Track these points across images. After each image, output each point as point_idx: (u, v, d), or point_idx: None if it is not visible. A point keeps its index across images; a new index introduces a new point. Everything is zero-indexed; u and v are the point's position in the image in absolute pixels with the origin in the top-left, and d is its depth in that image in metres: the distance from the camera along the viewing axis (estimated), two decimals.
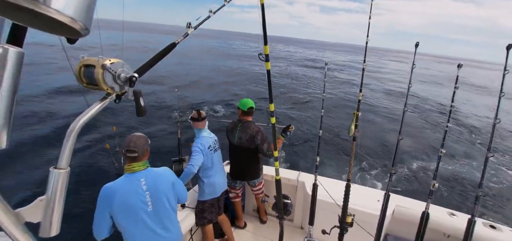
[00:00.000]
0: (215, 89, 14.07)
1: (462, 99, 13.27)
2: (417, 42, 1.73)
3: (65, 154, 0.50)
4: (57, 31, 0.38)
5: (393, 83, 19.21)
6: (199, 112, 2.42)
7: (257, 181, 2.82)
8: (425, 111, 11.04)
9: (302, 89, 15.05)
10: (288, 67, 25.57)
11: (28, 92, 10.37)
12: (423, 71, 31.71)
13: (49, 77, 12.74)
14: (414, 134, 8.41)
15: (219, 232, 2.85)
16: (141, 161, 1.60)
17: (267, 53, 1.10)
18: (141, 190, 1.55)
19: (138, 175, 1.57)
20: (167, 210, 1.67)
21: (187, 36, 1.12)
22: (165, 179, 1.68)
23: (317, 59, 38.09)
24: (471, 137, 8.43)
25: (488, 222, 2.21)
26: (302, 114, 10.55)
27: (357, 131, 1.91)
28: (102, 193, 1.50)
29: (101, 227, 1.49)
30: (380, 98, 13.44)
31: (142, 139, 1.62)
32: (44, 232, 0.48)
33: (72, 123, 0.52)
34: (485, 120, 10.15)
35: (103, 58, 0.59)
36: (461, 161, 6.72)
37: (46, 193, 0.48)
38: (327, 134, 8.07)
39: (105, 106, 0.60)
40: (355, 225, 1.82)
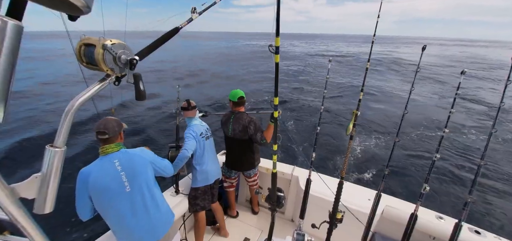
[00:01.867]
0: (218, 86, 14.00)
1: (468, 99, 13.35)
2: (424, 46, 1.72)
3: (62, 133, 0.50)
4: (58, 6, 0.37)
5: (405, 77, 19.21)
6: (189, 101, 2.46)
7: (252, 172, 2.85)
8: (426, 114, 11.10)
9: (303, 85, 15.00)
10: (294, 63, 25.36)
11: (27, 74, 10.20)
12: (435, 59, 31.18)
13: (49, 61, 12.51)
14: (412, 137, 8.48)
15: (212, 220, 2.89)
16: (113, 143, 1.58)
17: (278, 45, 1.08)
18: (115, 171, 1.53)
19: (111, 156, 1.55)
20: (147, 189, 1.64)
21: (191, 21, 1.10)
22: (140, 158, 1.65)
23: (322, 54, 37.80)
24: (467, 143, 8.53)
25: (473, 228, 2.27)
26: (302, 109, 10.56)
27: (354, 130, 1.92)
28: (78, 177, 1.51)
29: (82, 209, 1.52)
30: (386, 96, 13.47)
31: (113, 121, 1.61)
32: (39, 209, 0.48)
33: (70, 102, 0.52)
34: (484, 127, 10.24)
35: (104, 38, 0.58)
36: (455, 167, 6.82)
37: (41, 171, 0.48)
38: (326, 130, 8.11)
39: (104, 87, 0.59)
40: (345, 221, 1.86)
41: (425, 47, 1.74)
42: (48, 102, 9.82)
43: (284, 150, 6.83)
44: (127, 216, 1.56)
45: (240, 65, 24.45)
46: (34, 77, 14.13)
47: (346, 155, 1.94)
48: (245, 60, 27.21)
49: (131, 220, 1.57)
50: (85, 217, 1.54)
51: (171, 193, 2.59)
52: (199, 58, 29.05)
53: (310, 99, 12.19)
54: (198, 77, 17.03)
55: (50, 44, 50.99)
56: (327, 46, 58.62)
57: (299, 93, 13.24)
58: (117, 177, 1.53)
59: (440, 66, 25.46)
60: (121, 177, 1.54)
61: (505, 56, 42.39)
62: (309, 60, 29.50)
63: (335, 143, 7.53)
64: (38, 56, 26.17)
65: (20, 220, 0.43)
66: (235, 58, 31.93)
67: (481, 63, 30.13)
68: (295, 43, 68.06)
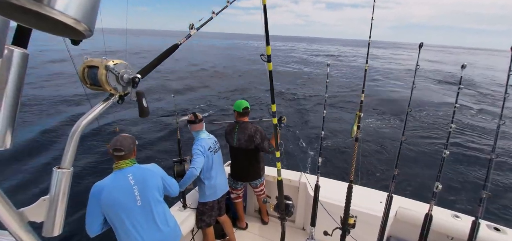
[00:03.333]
0: (216, 90, 14.09)
1: (469, 98, 13.16)
2: (421, 43, 1.73)
3: (68, 154, 0.50)
4: (61, 32, 0.39)
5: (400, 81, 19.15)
6: (196, 114, 2.44)
7: (258, 182, 2.81)
8: (430, 111, 10.96)
9: (304, 89, 15.03)
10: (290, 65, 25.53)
11: (34, 93, 10.48)
12: (433, 65, 31.13)
13: (54, 80, 12.88)
14: (418, 135, 8.34)
15: (221, 233, 2.85)
16: (128, 159, 1.65)
17: (269, 54, 1.10)
18: (128, 185, 1.59)
19: (125, 171, 1.61)
20: (158, 204, 1.69)
21: (189, 37, 1.13)
22: (152, 173, 1.72)
23: (323, 55, 38.04)
24: (476, 138, 8.35)
25: (492, 225, 2.19)
26: (304, 114, 10.53)
27: (359, 132, 1.90)
28: (91, 191, 1.55)
29: (92, 224, 1.54)
30: (386, 97, 13.38)
31: (129, 138, 1.68)
32: (47, 232, 0.48)
33: (76, 123, 0.53)
34: (491, 121, 10.04)
35: (107, 59, 0.60)
36: (466, 162, 6.65)
37: (49, 193, 0.48)
38: (330, 134, 8.04)
39: (108, 106, 0.60)
40: (358, 226, 1.81)
41: (421, 45, 1.74)
42: (53, 123, 10.02)
43: (290, 156, 6.77)
44: (137, 230, 1.59)
45: (239, 66, 24.50)
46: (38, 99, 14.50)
47: (353, 158, 1.91)
48: (243, 62, 27.28)
49: (141, 234, 1.60)
50: (94, 232, 1.55)
51: (178, 208, 2.57)
52: (197, 58, 29.09)
53: (312, 103, 12.18)
54: (196, 79, 17.02)
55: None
56: (327, 47, 59.00)
57: (301, 97, 13.25)
58: (130, 191, 1.59)
59: (439, 69, 25.11)
60: (134, 191, 1.60)
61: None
62: (308, 62, 29.70)
63: (341, 146, 7.44)
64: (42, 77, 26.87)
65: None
66: (233, 59, 31.99)
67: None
68: (296, 45, 68.61)
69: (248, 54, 36.35)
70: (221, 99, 12.09)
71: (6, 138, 0.39)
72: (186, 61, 21.72)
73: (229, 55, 33.50)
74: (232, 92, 13.69)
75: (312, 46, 64.76)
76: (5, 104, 0.38)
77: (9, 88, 0.38)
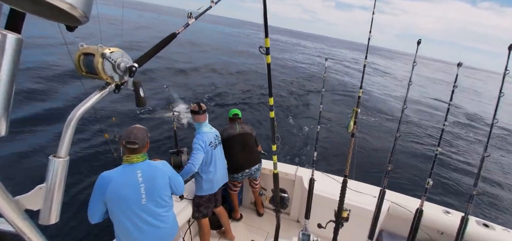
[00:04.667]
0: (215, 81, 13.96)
1: (467, 100, 13.32)
2: (419, 40, 1.73)
3: (65, 143, 0.50)
4: (56, 18, 0.38)
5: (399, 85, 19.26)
6: (200, 104, 2.35)
7: (259, 173, 2.90)
8: (425, 110, 11.08)
9: (302, 84, 15.01)
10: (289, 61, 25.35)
11: (29, 81, 10.27)
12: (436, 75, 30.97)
13: (49, 63, 12.60)
14: (412, 132, 8.45)
15: (217, 224, 2.88)
16: (140, 153, 1.60)
17: (268, 46, 1.09)
18: (136, 182, 1.55)
19: (136, 167, 1.56)
20: (161, 203, 1.66)
21: (187, 26, 1.11)
22: (162, 173, 1.68)
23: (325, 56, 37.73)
24: (469, 136, 8.50)
25: (481, 221, 2.25)
26: (301, 109, 10.55)
27: (355, 127, 1.91)
28: (98, 180, 1.52)
29: (94, 212, 1.52)
30: (383, 99, 13.47)
31: (143, 131, 1.62)
32: (44, 220, 0.49)
33: (72, 112, 0.52)
34: (484, 119, 10.21)
35: (103, 46, 0.59)
36: (458, 160, 6.79)
37: (45, 182, 0.48)
38: (326, 129, 8.10)
39: (104, 95, 0.59)
40: (351, 220, 1.85)
41: (420, 41, 1.74)
42: (50, 111, 9.86)
43: (287, 150, 6.81)
44: (136, 225, 1.58)
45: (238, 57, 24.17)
46: (35, 87, 14.22)
47: (349, 153, 1.93)
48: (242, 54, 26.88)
49: (139, 229, 1.59)
50: (95, 220, 1.54)
51: (175, 198, 2.59)
52: (200, 43, 28.41)
53: (309, 97, 12.19)
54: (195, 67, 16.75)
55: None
56: (330, 49, 58.47)
57: (298, 92, 13.24)
58: (137, 188, 1.55)
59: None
60: (140, 188, 1.55)
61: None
62: (309, 60, 29.55)
63: (337, 141, 7.51)
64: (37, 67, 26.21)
65: (26, 232, 0.44)
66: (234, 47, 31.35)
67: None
68: (301, 42, 67.79)
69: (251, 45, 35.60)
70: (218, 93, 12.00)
71: (1, 125, 0.38)
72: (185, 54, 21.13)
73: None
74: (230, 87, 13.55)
75: (316, 45, 63.44)
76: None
77: (2, 74, 0.37)
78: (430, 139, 8.08)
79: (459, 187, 5.63)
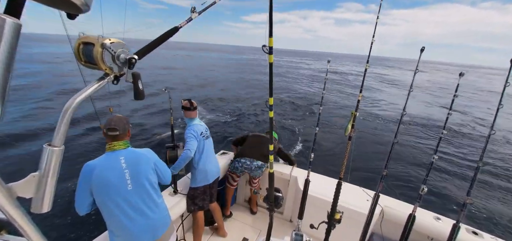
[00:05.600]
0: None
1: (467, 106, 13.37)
2: (423, 47, 1.73)
3: (60, 131, 0.49)
4: (57, 4, 0.37)
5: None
6: (191, 101, 2.45)
7: (261, 172, 2.95)
8: (424, 117, 11.14)
9: (304, 88, 15.01)
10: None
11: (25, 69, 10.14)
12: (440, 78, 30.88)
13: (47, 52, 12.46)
14: (411, 138, 8.51)
15: (210, 220, 2.89)
16: (122, 140, 1.61)
17: (272, 46, 1.08)
18: (119, 168, 1.55)
19: (118, 153, 1.58)
20: (148, 189, 1.66)
21: (190, 20, 1.10)
22: (146, 158, 1.68)
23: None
24: (466, 145, 8.57)
25: (471, 228, 2.28)
26: (303, 112, 10.57)
27: (353, 131, 1.92)
28: (82, 170, 1.52)
29: (82, 203, 1.52)
30: (382, 105, 13.52)
31: (123, 119, 1.66)
32: (36, 208, 0.48)
33: (68, 101, 0.51)
34: (482, 129, 10.29)
35: (103, 37, 0.58)
36: (453, 168, 6.85)
37: (38, 170, 0.48)
38: (324, 132, 8.12)
39: (102, 86, 0.59)
40: (343, 222, 1.86)
41: (423, 49, 1.74)
42: (46, 99, 9.78)
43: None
44: (126, 213, 1.56)
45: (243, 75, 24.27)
46: (33, 75, 14.08)
47: (345, 156, 1.94)
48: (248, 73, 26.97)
49: (129, 218, 1.57)
50: (82, 211, 1.53)
51: (169, 193, 2.59)
52: (206, 70, 28.80)
53: (309, 99, 12.21)
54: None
55: (53, 48, 50.50)
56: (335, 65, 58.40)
57: (297, 94, 13.25)
58: (121, 173, 1.55)
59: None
60: (125, 174, 1.56)
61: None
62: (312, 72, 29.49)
63: (334, 144, 7.54)
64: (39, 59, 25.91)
65: (17, 219, 0.43)
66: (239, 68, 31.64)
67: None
68: (304, 60, 67.22)
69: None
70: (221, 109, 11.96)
71: None
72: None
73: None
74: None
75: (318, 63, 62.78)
76: None
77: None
78: (428, 144, 8.15)
79: (453, 194, 5.69)
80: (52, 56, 26.20)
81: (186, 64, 34.33)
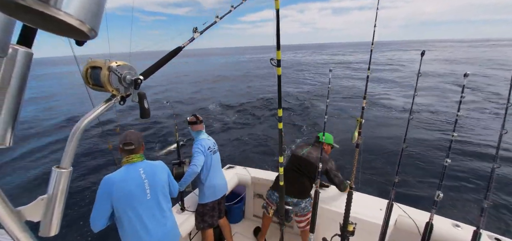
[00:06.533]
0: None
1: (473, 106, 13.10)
2: (423, 51, 1.73)
3: (68, 153, 0.50)
4: (66, 33, 0.39)
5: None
6: (196, 116, 2.49)
7: (301, 207, 2.43)
8: (432, 119, 10.93)
9: (308, 94, 15.04)
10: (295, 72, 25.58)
11: (36, 93, 10.54)
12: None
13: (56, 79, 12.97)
14: (420, 143, 8.30)
15: (218, 237, 2.83)
16: (138, 153, 1.72)
17: (279, 59, 1.10)
18: (140, 178, 1.65)
19: (137, 165, 1.68)
20: (163, 200, 1.75)
21: (193, 40, 1.13)
22: (161, 169, 1.82)
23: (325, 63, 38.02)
24: (478, 147, 8.30)
25: (493, 235, 2.16)
26: (307, 119, 10.52)
27: (360, 138, 1.89)
28: (102, 183, 1.57)
29: (100, 217, 1.53)
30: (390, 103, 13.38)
31: (137, 133, 1.78)
32: (44, 232, 0.48)
33: (77, 123, 0.53)
34: (493, 130, 10.00)
35: (110, 60, 0.60)
36: (467, 171, 6.60)
37: (47, 192, 0.48)
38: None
39: (109, 107, 0.60)
40: (357, 234, 1.79)
41: (424, 53, 1.74)
42: (54, 122, 10.05)
43: None
44: (144, 223, 1.63)
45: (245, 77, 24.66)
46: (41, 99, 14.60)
47: (354, 164, 1.90)
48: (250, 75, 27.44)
49: (147, 227, 1.64)
50: (99, 225, 1.54)
51: (176, 210, 2.56)
52: (206, 74, 29.47)
53: (313, 107, 12.18)
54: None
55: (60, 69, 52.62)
56: (332, 55, 59.31)
57: (303, 101, 13.25)
58: (141, 183, 1.65)
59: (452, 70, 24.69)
60: (144, 184, 1.66)
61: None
62: (313, 69, 29.78)
63: (342, 152, 7.40)
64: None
65: None
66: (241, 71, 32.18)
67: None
68: (302, 52, 68.87)
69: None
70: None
71: (6, 136, 0.39)
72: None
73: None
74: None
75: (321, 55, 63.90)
76: (8, 102, 0.38)
77: (12, 87, 0.38)
78: (438, 148, 7.93)
79: (470, 199, 5.45)
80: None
81: (190, 69, 34.92)
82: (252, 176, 3.10)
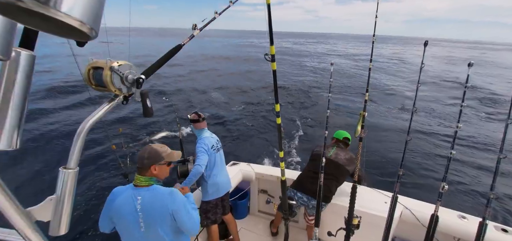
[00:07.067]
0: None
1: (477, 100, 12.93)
2: (426, 41, 1.70)
3: (74, 154, 0.51)
4: (67, 34, 0.39)
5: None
6: (198, 113, 2.46)
7: (313, 209, 2.37)
8: (437, 109, 10.82)
9: (311, 89, 14.96)
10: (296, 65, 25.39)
11: (39, 93, 10.65)
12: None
13: (58, 78, 13.08)
14: (424, 135, 8.23)
15: (224, 233, 2.86)
16: (143, 176, 1.49)
17: (273, 53, 1.10)
18: (134, 208, 1.45)
19: (138, 192, 1.46)
20: (163, 237, 1.49)
21: (192, 37, 1.13)
22: (162, 205, 1.46)
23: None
24: (483, 137, 8.21)
25: (499, 226, 2.15)
26: (309, 114, 10.49)
27: (363, 131, 1.88)
28: (110, 194, 1.54)
29: (103, 224, 1.55)
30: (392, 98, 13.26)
31: (148, 152, 1.50)
32: (54, 231, 0.49)
33: (81, 124, 0.53)
34: (498, 120, 9.86)
35: (111, 60, 0.60)
36: (472, 163, 6.55)
37: (55, 193, 0.49)
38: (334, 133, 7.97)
39: (113, 107, 0.61)
40: (362, 227, 1.80)
41: (427, 43, 1.71)
42: (59, 124, 10.16)
43: (294, 156, 6.74)
44: None
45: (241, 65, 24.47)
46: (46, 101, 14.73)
47: (357, 158, 1.89)
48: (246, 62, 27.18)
49: None
50: (103, 230, 1.57)
51: None
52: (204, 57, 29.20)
53: (316, 100, 12.12)
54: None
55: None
56: (333, 46, 58.82)
57: (306, 94, 13.19)
58: (135, 215, 1.45)
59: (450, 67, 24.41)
60: (138, 217, 1.45)
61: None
62: (315, 60, 29.54)
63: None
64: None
65: None
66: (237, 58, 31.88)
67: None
68: (302, 41, 68.49)
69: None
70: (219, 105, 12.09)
71: (14, 139, 0.40)
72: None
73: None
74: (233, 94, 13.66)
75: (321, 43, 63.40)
76: (13, 105, 0.39)
77: (16, 89, 0.39)
78: (443, 138, 7.86)
79: (475, 190, 5.41)
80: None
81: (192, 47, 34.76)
82: (256, 172, 3.11)
